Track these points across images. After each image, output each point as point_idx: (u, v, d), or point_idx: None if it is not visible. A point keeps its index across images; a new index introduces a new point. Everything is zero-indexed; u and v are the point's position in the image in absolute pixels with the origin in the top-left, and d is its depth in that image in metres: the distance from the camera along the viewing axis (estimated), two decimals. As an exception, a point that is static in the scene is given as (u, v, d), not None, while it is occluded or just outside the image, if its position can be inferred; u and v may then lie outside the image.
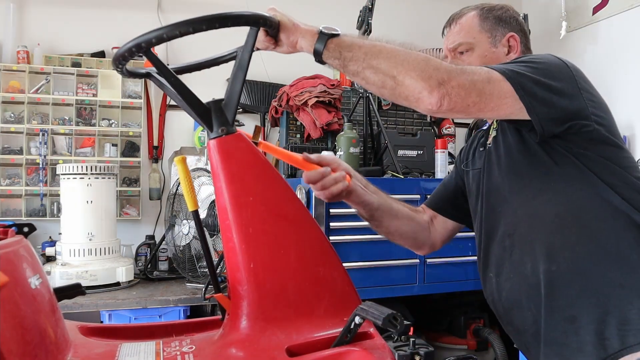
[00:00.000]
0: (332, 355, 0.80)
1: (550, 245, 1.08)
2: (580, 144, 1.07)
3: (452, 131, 3.22)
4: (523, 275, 1.12)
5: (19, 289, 0.68)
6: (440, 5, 3.44)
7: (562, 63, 1.09)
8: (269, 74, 2.97)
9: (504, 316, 1.20)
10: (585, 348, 1.02)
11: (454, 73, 0.95)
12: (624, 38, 2.87)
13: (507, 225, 1.17)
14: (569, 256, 1.06)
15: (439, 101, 0.94)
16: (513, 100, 1.00)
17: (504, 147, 1.19)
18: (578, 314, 1.03)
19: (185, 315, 2.25)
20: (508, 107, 1.01)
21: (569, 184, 1.08)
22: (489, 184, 1.23)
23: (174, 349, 0.88)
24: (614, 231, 1.05)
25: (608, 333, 1.00)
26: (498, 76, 0.99)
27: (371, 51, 0.97)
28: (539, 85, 1.01)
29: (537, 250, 1.09)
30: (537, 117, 1.02)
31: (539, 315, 1.09)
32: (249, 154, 0.92)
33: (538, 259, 1.09)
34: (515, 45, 1.26)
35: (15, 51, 2.74)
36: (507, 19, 1.28)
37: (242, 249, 0.89)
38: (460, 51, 1.27)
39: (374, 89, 1.01)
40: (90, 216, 2.34)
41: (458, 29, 1.28)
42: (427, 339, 2.43)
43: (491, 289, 1.22)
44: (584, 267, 1.04)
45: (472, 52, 1.26)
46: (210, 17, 0.87)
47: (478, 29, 1.26)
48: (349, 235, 2.16)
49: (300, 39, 1.00)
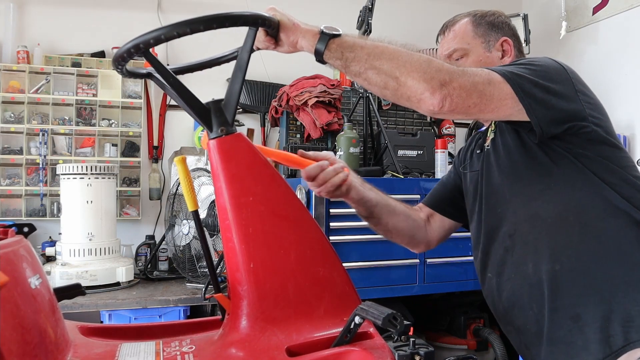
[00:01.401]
0: (332, 355, 0.80)
1: (552, 245, 1.09)
2: (579, 144, 1.09)
3: (452, 131, 3.22)
4: (525, 275, 1.13)
5: (19, 289, 0.68)
6: (439, 5, 3.45)
7: (560, 66, 1.11)
8: (269, 74, 2.97)
9: (504, 316, 1.21)
10: (591, 346, 1.02)
11: (456, 74, 0.96)
12: (624, 38, 2.87)
13: (508, 225, 1.17)
14: (571, 255, 1.07)
15: (441, 102, 0.95)
16: (513, 101, 1.01)
17: (503, 148, 1.20)
18: (582, 312, 1.04)
19: (185, 315, 2.25)
20: (508, 108, 1.02)
21: (569, 184, 1.09)
22: (488, 186, 1.24)
23: (174, 349, 0.88)
24: (616, 229, 1.06)
25: (612, 330, 1.01)
26: (498, 78, 1.01)
27: (374, 52, 0.98)
28: (538, 87, 1.03)
29: (539, 250, 1.10)
30: (536, 119, 1.03)
31: (541, 314, 1.10)
32: (249, 154, 0.92)
33: (540, 259, 1.10)
34: (509, 49, 1.29)
35: (15, 51, 2.74)
36: (500, 24, 1.30)
37: (242, 249, 0.89)
38: (456, 57, 1.29)
39: (375, 89, 1.01)
40: (90, 216, 2.34)
41: (452, 35, 1.31)
42: (427, 339, 2.44)
43: (491, 289, 1.23)
44: (587, 266, 1.05)
45: (467, 58, 1.28)
46: (208, 17, 0.87)
47: (472, 35, 1.29)
48: (349, 235, 2.16)
49: (301, 38, 1.00)
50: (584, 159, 1.09)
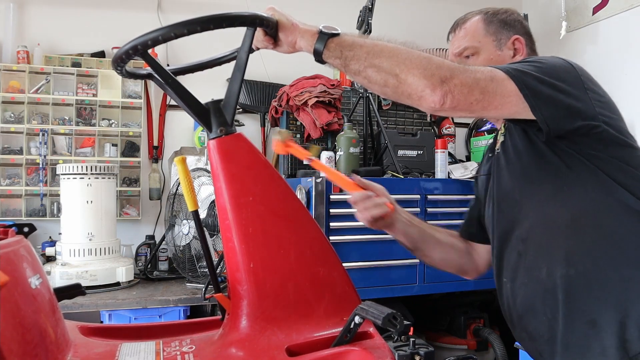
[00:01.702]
0: (332, 355, 0.81)
1: (566, 250, 1.06)
2: (590, 145, 1.06)
3: (452, 131, 3.21)
4: (538, 280, 1.10)
5: (19, 289, 0.68)
6: (440, 5, 3.45)
7: (568, 64, 1.08)
8: (269, 74, 2.97)
9: (518, 323, 1.18)
10: (608, 352, 1.01)
11: (457, 71, 0.95)
12: (624, 38, 2.87)
13: (521, 229, 1.15)
14: (586, 259, 1.04)
15: (442, 99, 0.93)
16: (517, 98, 0.99)
17: (513, 151, 1.18)
18: (598, 318, 1.02)
19: (185, 315, 2.25)
20: (512, 105, 0.99)
21: (582, 187, 1.06)
22: (499, 189, 1.22)
23: (174, 349, 0.88)
24: (631, 232, 1.04)
25: (629, 335, 0.99)
26: (501, 75, 0.99)
27: (373, 50, 0.97)
28: (544, 84, 1.00)
29: (553, 254, 1.07)
30: (542, 116, 1.00)
31: (555, 320, 1.07)
32: (249, 154, 0.93)
33: (554, 264, 1.07)
34: (521, 48, 1.26)
35: (15, 51, 2.74)
36: (512, 22, 1.27)
37: (242, 249, 0.89)
38: (466, 55, 1.27)
39: (376, 88, 1.00)
40: (90, 216, 2.34)
41: (463, 33, 1.28)
42: (427, 339, 2.44)
43: (507, 295, 1.20)
44: (602, 270, 1.03)
45: (477, 56, 1.26)
46: (205, 18, 0.87)
47: (483, 33, 1.26)
48: (349, 235, 2.16)
49: (300, 38, 1.00)
50: (595, 159, 1.06)
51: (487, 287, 2.36)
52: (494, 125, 3.09)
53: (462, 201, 2.36)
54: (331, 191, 2.13)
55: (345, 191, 1.21)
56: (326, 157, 2.30)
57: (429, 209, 2.32)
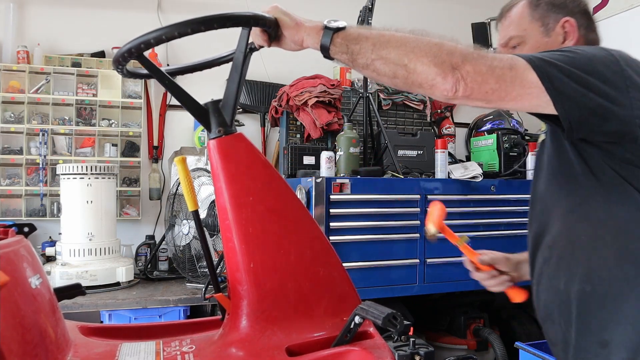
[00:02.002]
0: (332, 355, 0.81)
1: (586, 265, 1.01)
2: (623, 154, 0.96)
3: (452, 131, 3.22)
4: (556, 290, 1.07)
5: (19, 289, 0.68)
6: (440, 5, 3.46)
7: (610, 55, 0.97)
8: (269, 74, 2.98)
9: (542, 325, 1.16)
10: None
11: (470, 57, 0.88)
12: (624, 38, 2.87)
13: (549, 236, 1.10)
14: (605, 278, 0.98)
15: (454, 86, 0.87)
16: (538, 90, 0.90)
17: (546, 152, 1.12)
18: (610, 339, 0.97)
19: (185, 315, 2.25)
20: (533, 98, 0.91)
21: (608, 200, 0.98)
22: (535, 191, 1.17)
23: (174, 348, 0.88)
24: None
25: None
26: (523, 63, 0.90)
27: (379, 41, 0.91)
28: (571, 77, 0.90)
29: (572, 267, 1.03)
30: (564, 112, 0.90)
31: (568, 333, 1.05)
32: (249, 154, 0.93)
33: (572, 277, 1.03)
34: (572, 31, 1.15)
35: (15, 51, 2.75)
36: (562, 3, 1.16)
37: (242, 249, 0.89)
38: (513, 45, 1.19)
39: (385, 80, 0.94)
40: (90, 216, 2.34)
41: (508, 22, 1.20)
42: (427, 339, 2.43)
43: (534, 296, 1.17)
44: (619, 290, 0.97)
45: (524, 45, 1.17)
46: (196, 20, 0.86)
47: (529, 20, 1.17)
48: (349, 235, 2.16)
49: (306, 36, 0.97)
50: (626, 172, 0.96)
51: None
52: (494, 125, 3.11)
53: (462, 201, 2.36)
54: (331, 191, 2.13)
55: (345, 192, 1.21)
56: (326, 157, 2.30)
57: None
